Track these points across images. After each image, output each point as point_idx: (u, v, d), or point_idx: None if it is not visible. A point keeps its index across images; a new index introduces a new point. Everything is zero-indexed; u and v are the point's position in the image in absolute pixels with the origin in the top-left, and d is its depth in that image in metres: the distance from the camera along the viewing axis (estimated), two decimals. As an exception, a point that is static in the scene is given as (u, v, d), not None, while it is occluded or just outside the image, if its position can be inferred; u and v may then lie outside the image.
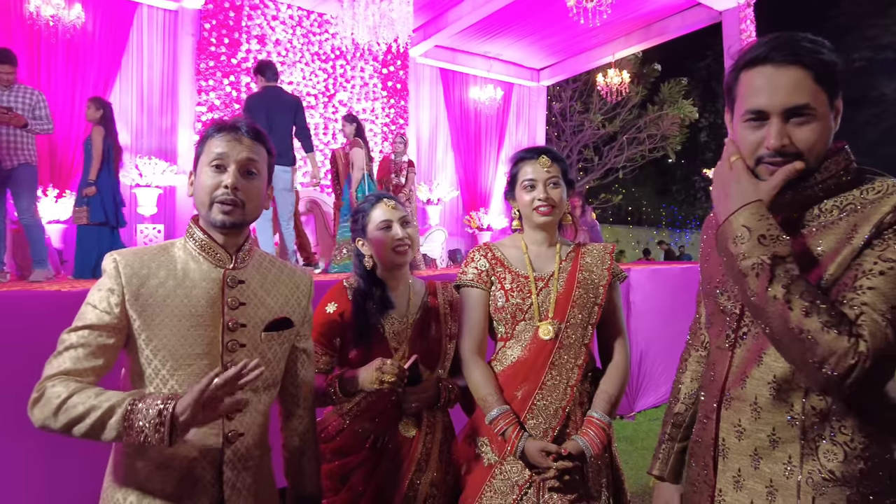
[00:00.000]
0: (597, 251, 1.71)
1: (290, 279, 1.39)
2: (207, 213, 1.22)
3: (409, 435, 1.62)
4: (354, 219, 1.77)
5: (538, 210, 1.64)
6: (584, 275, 1.66)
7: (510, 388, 1.61)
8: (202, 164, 1.24)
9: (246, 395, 1.21)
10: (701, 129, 23.82)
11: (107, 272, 1.19)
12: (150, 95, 7.80)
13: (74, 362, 1.10)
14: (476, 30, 9.54)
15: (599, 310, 1.64)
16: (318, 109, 8.94)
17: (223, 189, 1.20)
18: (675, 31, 9.61)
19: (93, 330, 1.13)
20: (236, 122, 1.27)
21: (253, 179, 1.25)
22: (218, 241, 1.25)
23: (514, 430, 1.53)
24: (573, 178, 1.74)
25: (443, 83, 10.91)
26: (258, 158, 1.26)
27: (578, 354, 1.60)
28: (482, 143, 11.36)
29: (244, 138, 1.24)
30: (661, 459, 1.35)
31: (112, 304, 1.15)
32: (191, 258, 1.24)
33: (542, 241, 1.72)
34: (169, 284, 1.19)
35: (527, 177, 1.66)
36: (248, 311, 1.26)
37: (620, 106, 14.21)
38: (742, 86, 1.03)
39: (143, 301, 1.17)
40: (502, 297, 1.65)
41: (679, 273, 5.59)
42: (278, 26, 8.58)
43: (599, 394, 1.63)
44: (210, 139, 1.24)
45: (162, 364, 1.17)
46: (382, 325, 1.67)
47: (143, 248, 1.25)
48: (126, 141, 7.62)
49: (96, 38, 7.26)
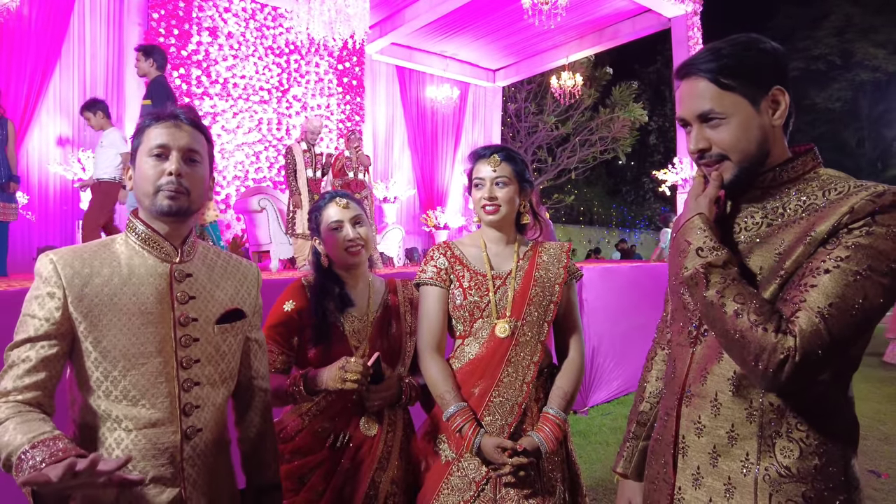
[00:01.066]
0: (553, 250, 1.73)
1: (237, 270, 1.37)
2: (152, 202, 1.18)
3: (369, 433, 1.61)
4: (310, 217, 1.76)
5: (484, 209, 1.66)
6: (540, 273, 1.68)
7: (467, 385, 1.62)
8: (141, 155, 1.19)
9: (204, 390, 1.22)
10: (650, 131, 24.55)
11: (43, 275, 1.12)
12: (94, 86, 7.47)
13: (14, 381, 1.06)
14: (433, 28, 9.56)
15: (555, 308, 1.66)
16: (271, 104, 8.77)
17: (167, 177, 1.17)
18: (627, 35, 9.88)
19: (33, 343, 1.08)
20: (173, 110, 1.23)
21: (196, 167, 1.22)
22: (161, 234, 1.21)
23: (471, 427, 1.54)
24: (530, 178, 1.75)
25: (399, 81, 10.87)
26: (199, 146, 1.23)
27: (534, 352, 1.62)
28: (439, 142, 11.40)
29: (184, 125, 1.21)
30: (626, 457, 1.37)
31: (52, 309, 1.10)
32: (135, 254, 1.20)
33: (498, 239, 1.73)
34: (114, 282, 1.15)
35: (477, 175, 1.68)
36: (199, 305, 1.24)
37: (573, 108, 14.52)
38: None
39: (89, 302, 1.12)
40: (460, 296, 1.66)
41: (628, 271, 5.75)
42: (231, 18, 8.37)
43: (555, 390, 1.65)
44: (148, 129, 1.20)
45: (112, 365, 1.13)
46: (342, 323, 1.66)
47: (81, 247, 1.19)
48: (67, 133, 7.30)
49: (33, 24, 6.90)
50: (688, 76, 1.07)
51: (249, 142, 8.52)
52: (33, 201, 6.98)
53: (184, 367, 1.20)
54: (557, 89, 10.70)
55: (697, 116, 1.05)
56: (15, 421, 1.00)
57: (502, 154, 1.67)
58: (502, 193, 1.65)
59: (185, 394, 1.19)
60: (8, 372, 1.07)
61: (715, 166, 1.06)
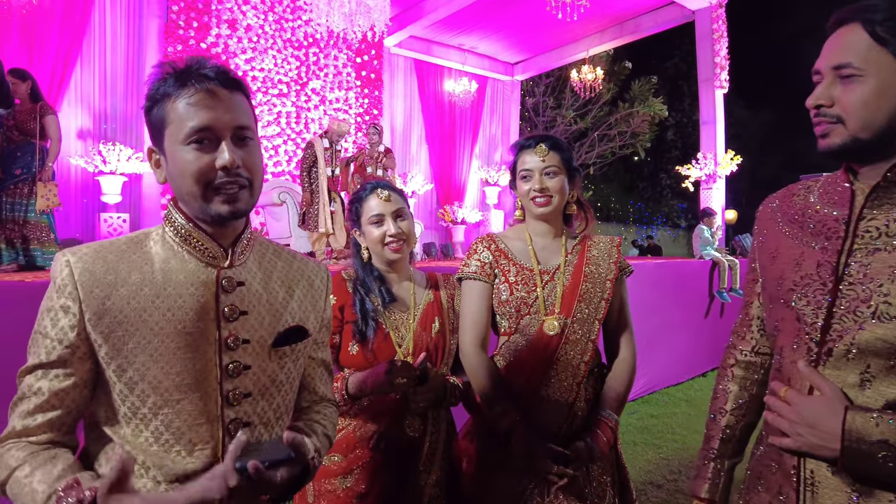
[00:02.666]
0: (603, 244, 1.65)
1: (303, 274, 1.09)
2: (202, 206, 0.91)
3: (414, 434, 1.55)
4: (351, 207, 1.68)
5: (534, 201, 1.58)
6: (591, 268, 1.60)
7: (514, 383, 1.55)
8: (173, 143, 0.90)
9: (255, 432, 0.97)
10: (668, 127, 24.26)
11: (57, 282, 0.88)
12: (115, 79, 7.47)
13: (24, 418, 0.87)
14: (451, 22, 9.47)
15: (606, 304, 1.58)
16: (290, 98, 8.73)
17: (221, 173, 0.89)
18: (648, 29, 9.74)
19: (46, 370, 0.87)
20: (199, 67, 0.90)
21: (249, 145, 0.93)
22: (207, 231, 0.95)
23: (518, 428, 1.46)
24: (577, 166, 1.67)
25: (417, 75, 10.79)
26: (247, 117, 0.94)
27: (585, 351, 1.54)
28: (456, 136, 11.30)
29: (221, 91, 0.90)
30: (709, 480, 1.19)
31: (66, 327, 0.87)
32: (172, 255, 0.94)
33: (545, 232, 1.65)
34: (144, 293, 0.90)
35: (524, 166, 1.60)
36: (252, 323, 0.97)
37: (592, 103, 14.35)
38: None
39: (111, 319, 0.88)
40: (506, 291, 1.58)
41: (654, 268, 5.64)
42: (249, 11, 8.33)
43: (607, 391, 1.57)
44: (172, 102, 0.89)
45: (141, 401, 0.89)
46: (385, 320, 1.59)
47: (107, 244, 0.93)
48: (88, 126, 7.31)
49: (55, 16, 6.90)
50: (844, 23, 0.94)
51: (268, 135, 8.48)
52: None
53: (230, 403, 0.94)
54: (578, 83, 10.56)
55: (833, 67, 0.93)
56: (32, 465, 0.84)
57: (549, 143, 1.60)
58: (553, 183, 1.57)
59: (230, 438, 0.93)
60: (18, 406, 0.88)
61: (824, 127, 0.94)
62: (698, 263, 6.60)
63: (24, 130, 4.46)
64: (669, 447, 4.05)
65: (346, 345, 1.57)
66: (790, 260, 1.03)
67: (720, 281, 6.55)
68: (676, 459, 3.82)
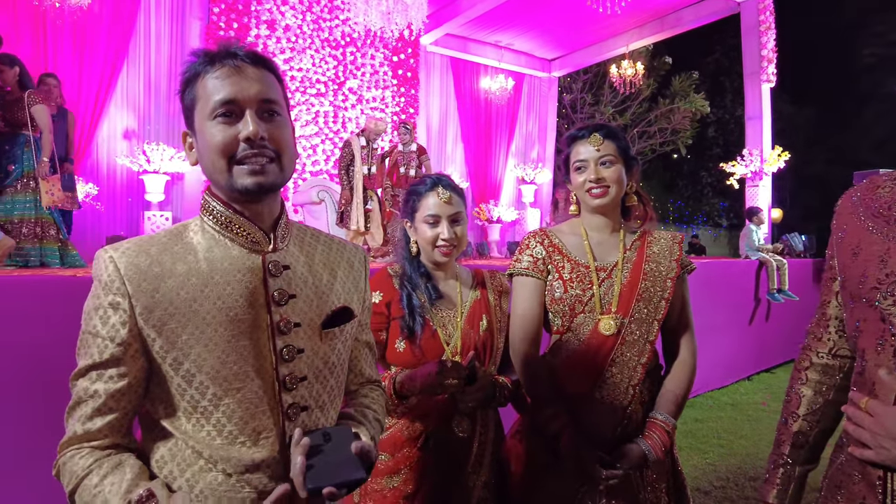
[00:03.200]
0: (664, 240, 1.56)
1: (342, 255, 1.08)
2: (229, 180, 0.89)
3: (462, 435, 1.50)
4: (408, 198, 1.63)
5: (591, 192, 1.51)
6: (651, 266, 1.51)
7: (566, 384, 1.49)
8: (201, 119, 0.90)
9: (311, 416, 0.96)
10: (709, 124, 23.63)
11: (102, 279, 0.87)
12: (158, 80, 7.66)
13: (84, 423, 0.86)
14: (488, 18, 9.39)
15: (667, 304, 1.50)
16: (327, 97, 8.80)
17: (244, 144, 0.88)
18: (690, 22, 9.47)
19: (100, 372, 0.86)
20: (229, 46, 0.91)
21: (277, 120, 0.92)
22: (246, 215, 0.94)
23: (567, 431, 1.41)
24: (634, 155, 1.59)
25: (453, 72, 10.76)
26: (274, 92, 0.93)
27: (642, 352, 1.46)
28: (492, 134, 11.23)
29: (248, 67, 0.90)
30: (778, 486, 1.15)
31: (117, 324, 0.85)
32: (214, 243, 0.93)
33: (602, 226, 1.57)
34: (192, 283, 0.89)
35: (578, 157, 1.53)
36: (301, 306, 0.96)
37: (631, 99, 14.08)
38: None
39: (162, 312, 0.86)
40: (560, 288, 1.52)
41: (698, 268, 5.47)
42: (288, 11, 8.43)
43: (664, 393, 1.50)
44: (200, 80, 0.90)
45: (201, 393, 0.88)
46: (432, 317, 1.55)
47: (146, 239, 0.92)
48: (133, 126, 7.51)
49: (103, 21, 7.11)
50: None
51: (306, 135, 8.58)
52: (102, 192, 7.20)
53: (287, 388, 0.93)
54: (617, 79, 10.35)
55: None
56: (102, 472, 0.83)
57: (604, 131, 1.52)
58: (609, 173, 1.49)
59: (291, 423, 0.93)
60: (75, 410, 0.87)
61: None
62: (744, 263, 6.38)
63: (12, 121, 4.13)
64: (715, 452, 3.92)
65: (393, 342, 1.53)
66: (874, 256, 0.96)
67: (769, 282, 6.32)
68: (724, 465, 3.68)
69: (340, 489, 0.85)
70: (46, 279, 2.38)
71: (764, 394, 5.49)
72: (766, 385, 5.86)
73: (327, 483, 0.83)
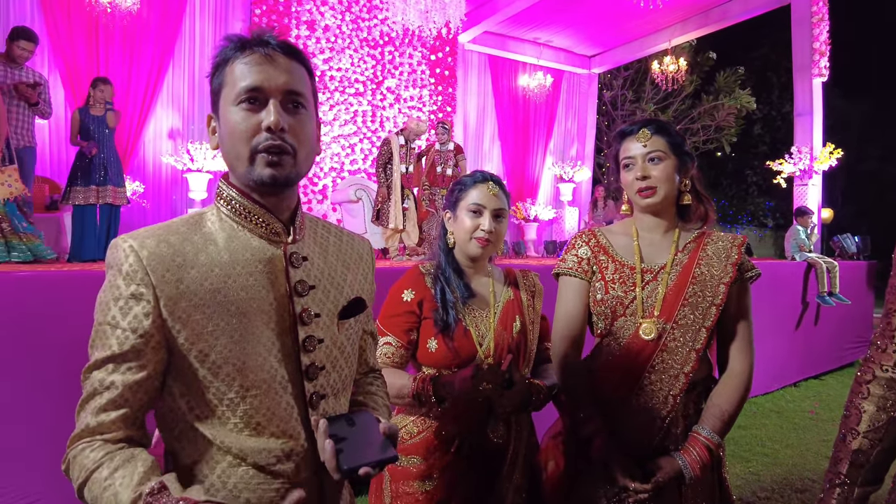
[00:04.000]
0: (722, 242, 1.46)
1: (352, 248, 1.09)
2: (247, 170, 0.89)
3: (498, 440, 1.47)
4: (452, 189, 1.62)
5: (639, 192, 1.44)
6: (702, 269, 1.43)
7: (603, 389, 1.44)
8: (225, 104, 0.89)
9: (328, 403, 0.96)
10: (755, 121, 22.88)
11: (122, 269, 0.84)
12: (202, 81, 7.84)
13: (98, 415, 0.82)
14: (526, 15, 9.30)
15: (717, 311, 1.40)
16: (365, 96, 8.87)
17: (265, 133, 0.87)
18: (737, 16, 9.17)
19: (117, 364, 0.83)
20: (262, 34, 0.90)
21: (301, 113, 0.91)
22: (266, 206, 0.93)
23: (601, 437, 1.37)
24: (689, 151, 1.49)
25: (491, 70, 10.70)
26: (302, 85, 0.92)
27: (686, 361, 1.38)
28: (530, 132, 11.12)
29: (279, 56, 0.89)
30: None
31: (139, 315, 0.83)
32: (233, 233, 0.92)
33: (654, 226, 1.49)
34: (215, 274, 0.87)
35: (626, 154, 1.46)
36: (320, 297, 0.96)
37: (673, 96, 13.74)
38: None
39: (187, 304, 0.85)
40: (602, 289, 1.47)
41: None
42: (327, 12, 8.52)
43: (710, 407, 1.41)
44: (229, 65, 0.89)
45: (227, 385, 0.86)
46: (464, 317, 1.52)
47: (164, 227, 0.90)
48: (178, 126, 7.73)
49: (151, 25, 7.33)
50: None
51: (345, 134, 8.66)
52: (148, 190, 7.43)
53: (309, 377, 0.93)
54: (659, 75, 10.11)
55: None
56: (113, 465, 0.80)
57: (653, 126, 1.45)
58: (658, 171, 1.42)
59: (314, 411, 0.93)
60: (89, 402, 0.83)
61: None
62: (791, 265, 6.15)
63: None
64: (759, 462, 3.78)
65: (425, 341, 1.51)
66: None
67: (819, 284, 6.07)
68: (768, 475, 3.55)
69: (375, 468, 0.85)
70: (90, 274, 2.46)
71: (812, 401, 5.27)
72: (814, 392, 5.63)
73: (362, 462, 0.84)
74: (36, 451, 2.16)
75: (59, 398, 2.20)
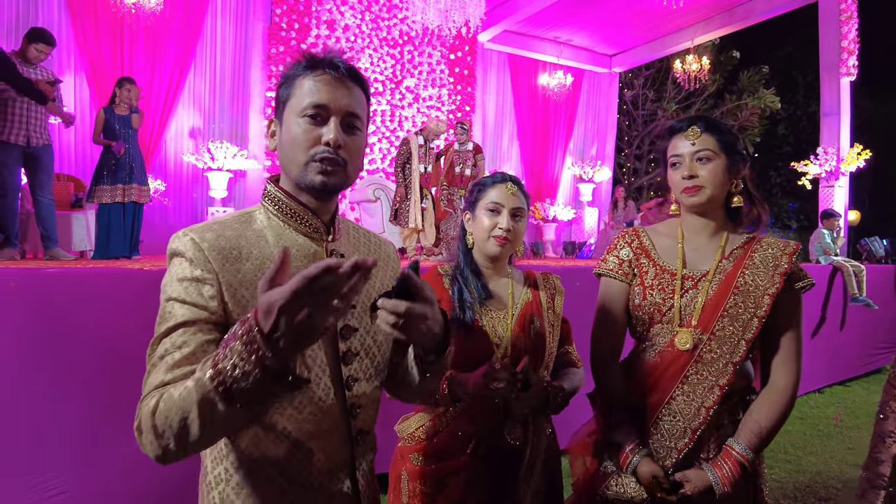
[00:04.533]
0: (772, 249, 1.37)
1: (380, 248, 1.20)
2: (302, 173, 0.98)
3: (515, 442, 1.45)
4: (471, 189, 1.62)
5: (684, 191, 1.38)
6: (745, 278, 1.35)
7: (636, 396, 1.41)
8: (291, 114, 0.99)
9: (361, 386, 1.05)
10: (779, 121, 22.49)
11: (186, 257, 0.93)
12: (223, 81, 7.94)
13: (170, 370, 0.85)
14: (547, 14, 9.24)
15: (760, 323, 1.33)
16: (384, 96, 8.89)
17: (323, 146, 0.97)
18: (762, 14, 9.02)
19: (188, 327, 0.88)
20: (333, 58, 1.00)
21: (356, 135, 1.02)
22: (311, 208, 1.03)
23: (631, 444, 1.34)
24: (741, 150, 1.42)
25: (510, 69, 10.65)
26: (360, 108, 1.03)
27: (722, 373, 1.33)
28: (550, 131, 11.05)
29: (347, 80, 1.00)
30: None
31: (205, 295, 0.91)
32: (281, 231, 1.02)
33: (700, 229, 1.43)
34: (268, 267, 0.93)
35: (674, 152, 1.41)
36: None
37: (695, 95, 13.55)
38: None
39: (246, 291, 0.94)
40: (639, 294, 1.42)
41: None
42: (347, 11, 8.56)
43: (747, 422, 1.34)
44: (300, 80, 0.99)
45: None
46: (481, 318, 1.51)
47: (219, 222, 1.00)
48: (199, 125, 7.82)
49: (173, 25, 7.43)
50: None
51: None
52: (170, 188, 7.53)
53: (345, 362, 1.03)
54: (681, 74, 9.97)
55: None
56: (167, 392, 0.82)
57: (702, 124, 1.39)
58: (705, 170, 1.36)
59: (349, 393, 1.03)
60: (160, 363, 0.86)
61: None
62: (816, 269, 6.02)
63: None
64: (782, 469, 3.69)
65: None
66: None
67: (849, 287, 5.94)
68: (791, 483, 3.47)
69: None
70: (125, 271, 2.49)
71: (836, 408, 5.15)
72: (838, 399, 5.50)
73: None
74: (62, 444, 2.21)
75: (89, 392, 2.26)
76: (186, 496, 1.80)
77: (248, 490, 0.95)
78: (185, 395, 0.78)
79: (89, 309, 2.26)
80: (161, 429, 0.80)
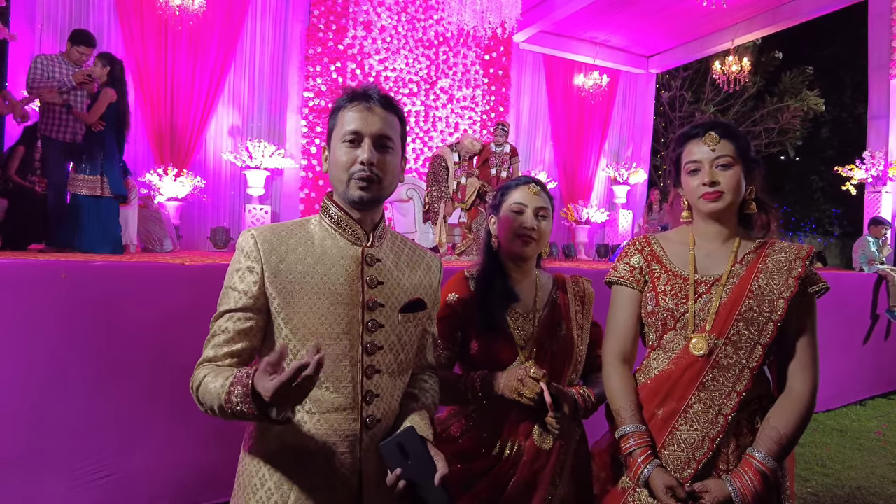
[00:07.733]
0: (786, 254, 1.36)
1: (423, 260, 1.36)
2: (345, 190, 1.19)
3: (544, 447, 1.45)
4: (496, 193, 1.64)
5: (704, 196, 1.36)
6: (760, 282, 1.34)
7: (650, 405, 1.39)
8: (336, 140, 1.21)
9: (383, 378, 1.21)
10: (822, 123, 21.78)
11: (244, 249, 1.18)
12: (262, 81, 8.10)
13: (215, 349, 1.15)
14: (583, 14, 9.16)
15: (775, 327, 1.32)
16: (419, 97, 8.94)
17: (359, 165, 1.17)
18: (808, 13, 8.75)
19: (231, 315, 1.15)
20: (367, 90, 1.22)
21: (388, 153, 1.21)
22: (354, 218, 1.23)
23: (643, 454, 1.31)
24: (755, 157, 1.41)
25: (545, 70, 10.59)
26: (392, 130, 1.22)
27: (739, 379, 1.31)
28: (584, 132, 10.95)
29: (376, 108, 1.20)
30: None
31: (250, 283, 1.15)
32: (327, 235, 1.23)
33: (714, 235, 1.42)
34: (308, 261, 1.18)
35: (691, 157, 1.39)
36: (386, 291, 1.24)
37: (734, 97, 13.23)
38: None
39: (283, 278, 1.16)
40: (652, 301, 1.41)
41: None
42: (384, 12, 8.63)
43: (766, 429, 1.31)
44: (342, 111, 1.21)
45: (301, 344, 1.15)
46: (506, 320, 1.52)
47: (278, 225, 1.24)
48: (238, 124, 7.99)
49: (215, 27, 7.62)
50: None
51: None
52: (209, 185, 7.72)
53: (368, 352, 1.19)
54: (720, 75, 9.74)
55: None
56: (218, 371, 1.09)
57: (720, 130, 1.38)
58: (726, 177, 1.35)
59: (367, 380, 1.19)
60: (210, 341, 1.16)
61: None
62: (859, 277, 5.82)
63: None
64: (819, 482, 3.59)
65: (468, 342, 1.53)
66: None
67: (889, 298, 5.73)
68: (828, 496, 3.37)
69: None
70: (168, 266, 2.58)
71: (879, 422, 4.98)
72: (881, 412, 5.31)
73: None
74: (108, 429, 2.31)
75: (132, 380, 2.35)
76: (223, 475, 1.88)
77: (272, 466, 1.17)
78: (213, 394, 1.05)
79: (133, 301, 2.37)
80: (201, 402, 1.10)
